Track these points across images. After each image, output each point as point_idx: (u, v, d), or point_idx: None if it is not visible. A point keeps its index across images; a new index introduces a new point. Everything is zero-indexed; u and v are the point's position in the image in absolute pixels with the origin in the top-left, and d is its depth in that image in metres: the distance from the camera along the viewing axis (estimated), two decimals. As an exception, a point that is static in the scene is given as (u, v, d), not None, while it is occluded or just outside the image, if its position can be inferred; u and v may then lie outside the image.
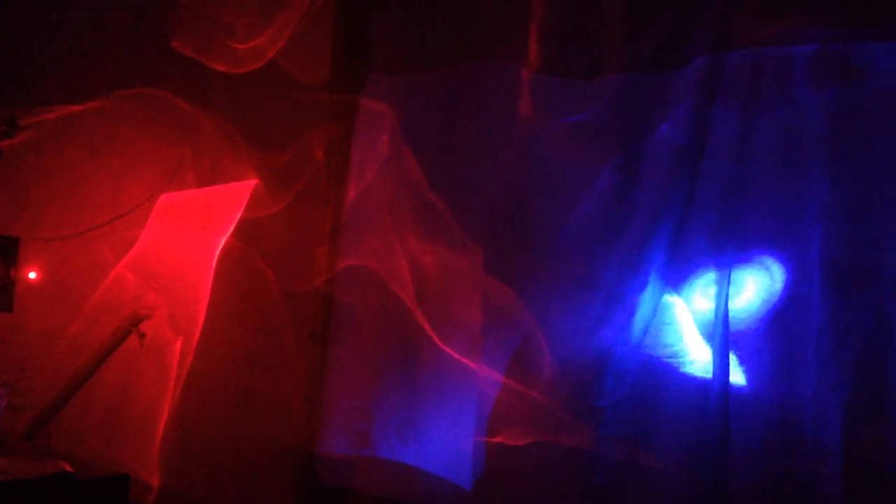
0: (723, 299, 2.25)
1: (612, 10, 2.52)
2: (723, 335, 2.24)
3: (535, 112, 2.63)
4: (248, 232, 3.10)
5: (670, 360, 2.36)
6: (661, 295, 2.37)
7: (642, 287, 2.38)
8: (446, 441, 2.72)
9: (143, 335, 3.18)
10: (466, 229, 2.73)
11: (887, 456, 2.06)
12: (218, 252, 3.14)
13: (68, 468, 2.68)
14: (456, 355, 2.72)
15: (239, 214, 3.10)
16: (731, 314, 2.25)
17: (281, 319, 3.01)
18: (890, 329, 2.08)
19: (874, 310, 2.10)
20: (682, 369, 2.34)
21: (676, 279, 2.37)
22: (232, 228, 3.12)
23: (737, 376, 2.26)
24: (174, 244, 3.24)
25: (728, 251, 2.27)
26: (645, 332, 2.38)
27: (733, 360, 2.25)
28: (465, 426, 2.66)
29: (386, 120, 2.91)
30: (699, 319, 2.34)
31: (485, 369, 2.64)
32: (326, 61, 2.96)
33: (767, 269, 2.26)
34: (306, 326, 2.95)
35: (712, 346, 2.28)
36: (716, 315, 2.27)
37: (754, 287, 2.28)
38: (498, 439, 2.59)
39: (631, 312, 2.39)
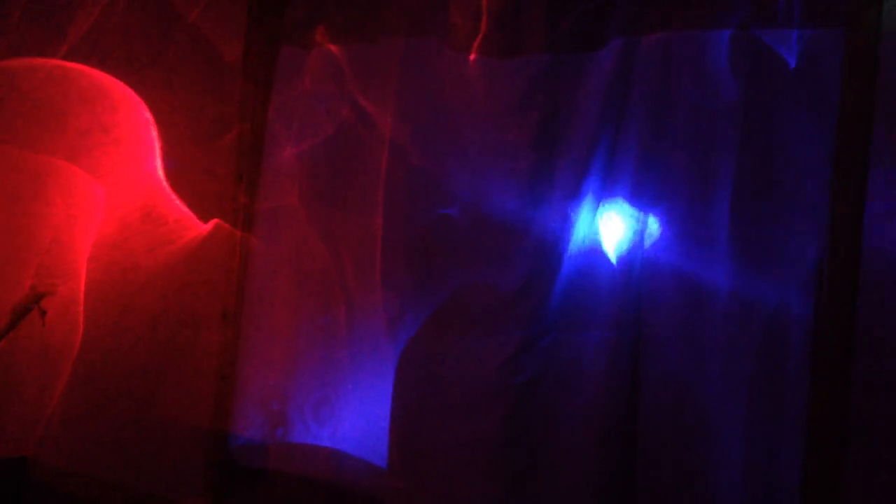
0: (637, 254, 2.35)
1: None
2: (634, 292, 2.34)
3: (454, 89, 2.62)
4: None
5: (588, 330, 2.41)
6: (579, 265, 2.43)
7: (558, 264, 2.43)
8: (362, 420, 2.72)
9: (44, 312, 3.05)
10: (384, 204, 2.71)
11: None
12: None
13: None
14: (374, 332, 2.72)
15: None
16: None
17: (193, 298, 2.94)
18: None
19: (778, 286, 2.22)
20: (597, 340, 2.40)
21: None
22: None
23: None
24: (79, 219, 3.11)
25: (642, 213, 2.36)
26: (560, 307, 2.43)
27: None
28: (382, 404, 2.67)
29: (301, 95, 2.85)
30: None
31: (401, 346, 2.64)
32: (241, 34, 2.88)
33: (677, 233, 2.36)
34: (218, 305, 2.88)
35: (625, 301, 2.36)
36: (629, 270, 2.36)
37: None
38: (414, 417, 2.60)
39: (548, 286, 2.44)
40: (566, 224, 2.45)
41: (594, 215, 2.43)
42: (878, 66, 2.03)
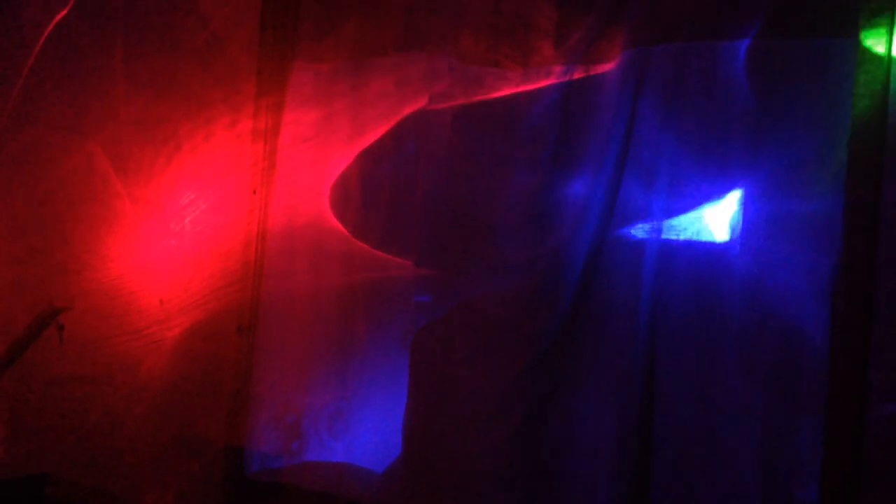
0: (650, 267, 2.35)
1: (544, 5, 2.53)
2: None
3: (465, 103, 2.63)
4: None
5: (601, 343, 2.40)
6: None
7: (571, 276, 2.42)
8: (377, 433, 2.72)
9: (62, 327, 3.07)
10: (397, 220, 2.72)
11: None
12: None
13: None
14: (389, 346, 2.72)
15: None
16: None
17: (208, 312, 2.95)
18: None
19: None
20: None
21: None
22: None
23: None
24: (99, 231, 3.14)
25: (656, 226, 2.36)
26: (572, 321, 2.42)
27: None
28: (396, 418, 2.66)
29: (313, 109, 2.87)
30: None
31: (415, 359, 2.64)
32: (254, 49, 2.90)
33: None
34: (233, 319, 2.90)
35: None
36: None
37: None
38: (426, 431, 2.60)
39: (564, 301, 2.43)
40: (579, 236, 2.44)
41: (607, 227, 2.42)
42: (891, 74, 2.01)
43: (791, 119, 2.24)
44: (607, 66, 2.46)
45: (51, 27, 3.09)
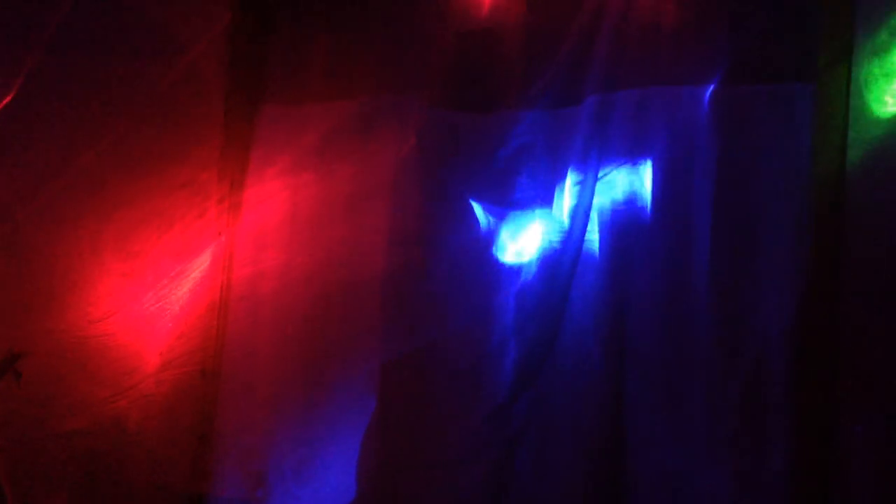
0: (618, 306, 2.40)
1: (510, 50, 2.58)
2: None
3: (432, 143, 2.65)
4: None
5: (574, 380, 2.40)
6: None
7: (542, 314, 2.43)
8: (345, 478, 2.67)
9: (19, 375, 2.98)
10: (365, 260, 2.71)
11: None
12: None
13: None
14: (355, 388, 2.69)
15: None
16: None
17: (170, 355, 2.90)
18: None
19: None
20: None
21: None
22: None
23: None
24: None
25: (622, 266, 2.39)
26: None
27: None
28: (363, 461, 2.63)
29: (281, 152, 2.86)
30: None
31: (383, 403, 2.61)
32: (220, 92, 2.89)
33: None
34: (197, 362, 2.85)
35: None
36: None
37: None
38: (394, 475, 2.56)
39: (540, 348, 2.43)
40: (547, 275, 2.45)
41: (574, 267, 2.43)
42: (848, 120, 2.07)
43: (753, 163, 2.29)
44: (572, 110, 2.50)
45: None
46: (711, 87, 2.34)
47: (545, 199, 2.51)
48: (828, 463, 2.02)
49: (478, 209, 2.59)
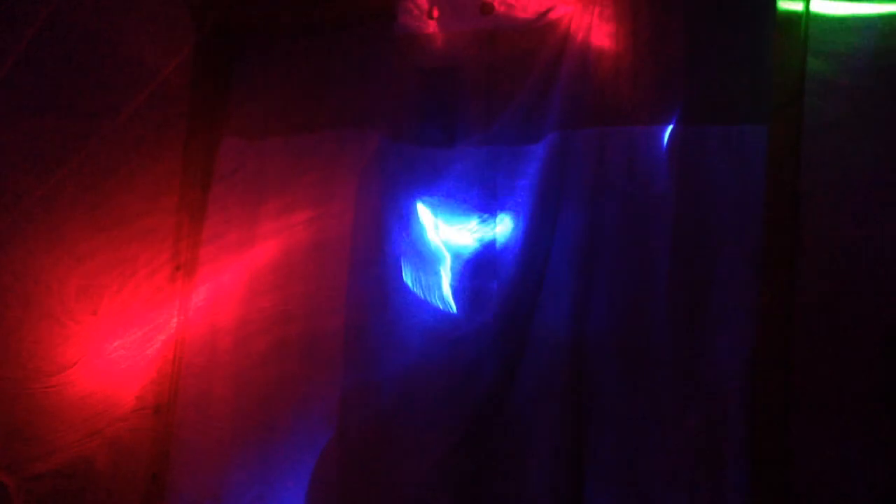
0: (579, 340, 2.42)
1: (471, 87, 2.61)
2: None
3: (392, 177, 2.65)
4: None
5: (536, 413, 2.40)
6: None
7: (504, 347, 2.43)
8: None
9: None
10: (325, 296, 2.69)
11: None
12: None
13: None
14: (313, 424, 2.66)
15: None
16: None
17: (123, 392, 2.84)
18: None
19: None
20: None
21: None
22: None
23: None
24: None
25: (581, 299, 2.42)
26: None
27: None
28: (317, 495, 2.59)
29: (242, 185, 2.85)
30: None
31: (339, 441, 2.58)
32: (182, 126, 2.86)
33: None
34: (151, 399, 2.79)
35: None
36: None
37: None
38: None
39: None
40: (507, 313, 2.46)
41: (533, 307, 2.44)
42: (799, 162, 2.11)
43: (708, 203, 2.33)
44: (532, 147, 2.53)
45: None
46: (668, 127, 2.38)
47: (505, 235, 2.52)
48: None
49: (438, 243, 2.60)
